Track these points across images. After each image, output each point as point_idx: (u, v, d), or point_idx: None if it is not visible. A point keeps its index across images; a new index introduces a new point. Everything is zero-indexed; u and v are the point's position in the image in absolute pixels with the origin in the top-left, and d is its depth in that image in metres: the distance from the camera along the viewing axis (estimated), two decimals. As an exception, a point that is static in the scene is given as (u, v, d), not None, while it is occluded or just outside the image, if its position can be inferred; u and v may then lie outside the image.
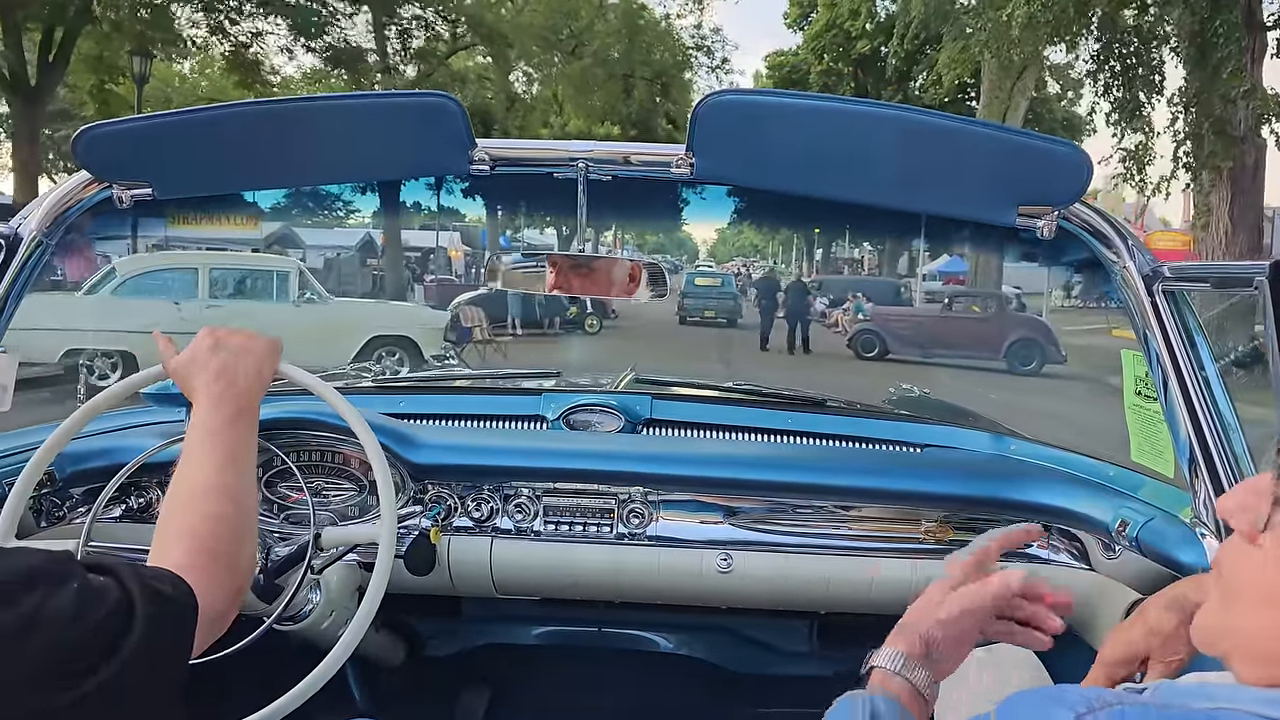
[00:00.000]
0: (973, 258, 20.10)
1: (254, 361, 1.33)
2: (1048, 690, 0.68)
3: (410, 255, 24.53)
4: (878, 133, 1.58)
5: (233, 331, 1.37)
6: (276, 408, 1.93)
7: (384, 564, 1.55)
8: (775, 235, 42.41)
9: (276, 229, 20.45)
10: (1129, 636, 1.19)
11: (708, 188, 2.30)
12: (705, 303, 19.87)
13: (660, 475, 1.95)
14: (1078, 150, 1.57)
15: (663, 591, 1.98)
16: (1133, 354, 1.67)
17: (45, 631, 0.81)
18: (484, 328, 13.74)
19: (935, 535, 1.94)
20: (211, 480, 1.17)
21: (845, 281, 24.12)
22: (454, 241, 26.91)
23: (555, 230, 18.10)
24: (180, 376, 1.33)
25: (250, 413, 1.30)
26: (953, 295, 19.08)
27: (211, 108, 1.66)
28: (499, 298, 16.50)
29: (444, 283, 22.07)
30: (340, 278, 21.07)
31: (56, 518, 1.88)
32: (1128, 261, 1.58)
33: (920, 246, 22.25)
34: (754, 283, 22.37)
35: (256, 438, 1.32)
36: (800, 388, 2.51)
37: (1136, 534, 1.59)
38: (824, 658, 2.65)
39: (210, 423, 1.24)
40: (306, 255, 22.24)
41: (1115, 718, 0.61)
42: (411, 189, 1.77)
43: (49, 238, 1.71)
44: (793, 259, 41.33)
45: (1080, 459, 2.01)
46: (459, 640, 2.69)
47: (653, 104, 31.73)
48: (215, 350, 1.32)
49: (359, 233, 23.20)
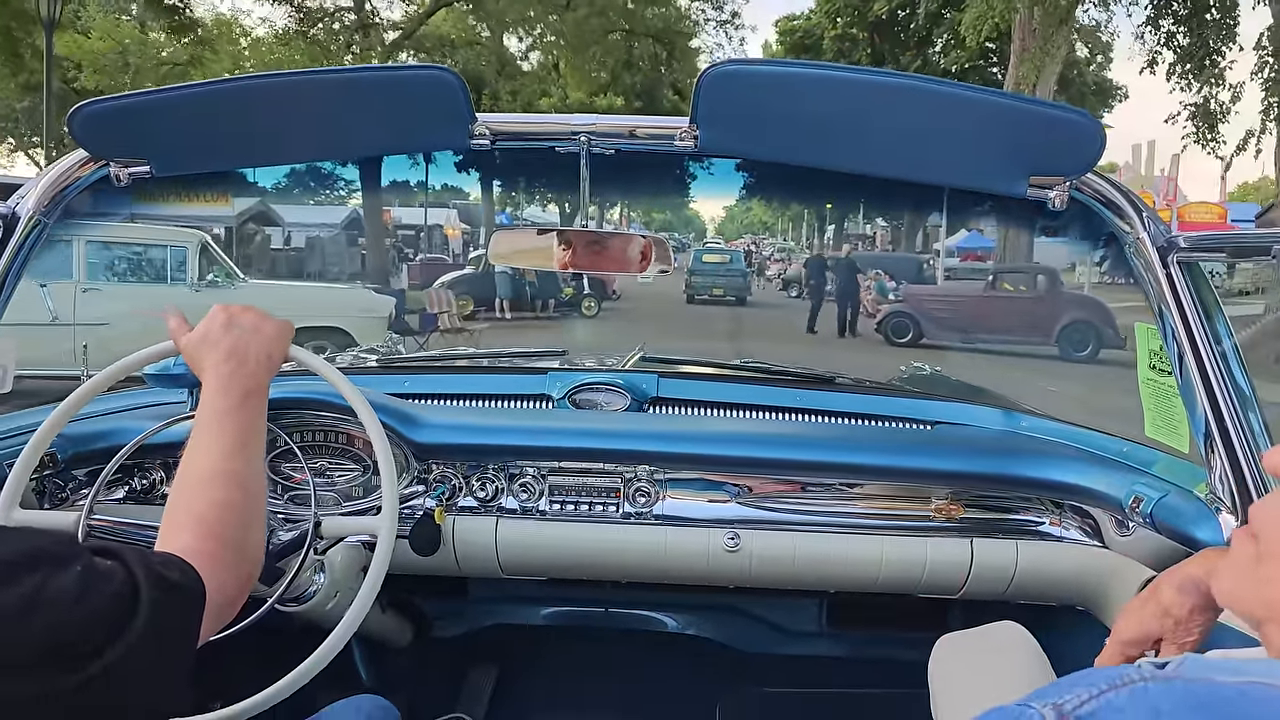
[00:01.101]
0: (1000, 232, 18.22)
1: (264, 342, 1.31)
2: (1073, 676, 0.66)
3: (402, 233, 23.83)
4: (886, 102, 1.54)
5: (245, 309, 1.35)
6: (279, 387, 1.91)
7: (385, 545, 1.53)
8: (785, 211, 41.94)
9: (251, 205, 19.17)
10: (1142, 616, 1.17)
11: (715, 162, 2.27)
12: (714, 280, 19.56)
13: (667, 454, 1.93)
14: (1090, 119, 1.53)
15: (670, 571, 1.96)
16: (1147, 327, 1.64)
17: (47, 613, 0.79)
18: (453, 313, 12.68)
19: (946, 513, 1.92)
20: (220, 465, 1.16)
21: (863, 258, 22.67)
22: (451, 219, 25.73)
23: (558, 207, 17.38)
24: (191, 354, 1.31)
25: (259, 394, 1.28)
26: (997, 271, 16.79)
27: (209, 83, 1.64)
28: (485, 278, 15.90)
29: (433, 262, 20.83)
30: (325, 258, 20.16)
31: (59, 499, 1.87)
32: (1141, 232, 1.55)
33: (936, 221, 21.26)
34: (804, 263, 21.35)
35: (265, 421, 1.30)
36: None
37: (1151, 510, 1.57)
38: (833, 637, 2.64)
39: (220, 404, 1.22)
40: (291, 235, 21.68)
41: (1139, 693, 0.59)
42: (401, 164, 1.73)
43: (47, 216, 1.70)
44: (804, 235, 40.55)
45: (1093, 435, 1.98)
46: (465, 621, 2.69)
47: (657, 73, 30.70)
48: (228, 328, 1.30)
49: (345, 210, 21.85)
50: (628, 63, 30.23)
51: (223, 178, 2.12)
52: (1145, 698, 0.58)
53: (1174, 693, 0.58)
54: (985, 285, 16.62)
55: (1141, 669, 0.61)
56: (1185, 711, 0.56)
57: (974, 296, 16.70)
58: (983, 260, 21.62)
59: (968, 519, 1.92)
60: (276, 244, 21.54)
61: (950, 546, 1.90)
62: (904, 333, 14.91)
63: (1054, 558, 1.88)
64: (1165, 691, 0.59)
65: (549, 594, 2.64)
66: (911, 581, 1.93)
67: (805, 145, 1.63)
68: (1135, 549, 1.72)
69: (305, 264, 20.24)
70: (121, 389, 2.08)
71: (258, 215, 20.21)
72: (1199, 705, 0.56)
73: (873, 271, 17.61)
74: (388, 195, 19.60)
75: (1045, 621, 1.84)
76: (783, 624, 2.66)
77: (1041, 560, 1.88)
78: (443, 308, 12.57)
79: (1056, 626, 1.89)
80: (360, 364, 2.74)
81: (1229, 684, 0.58)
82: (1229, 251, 1.43)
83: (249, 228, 20.23)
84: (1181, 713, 0.56)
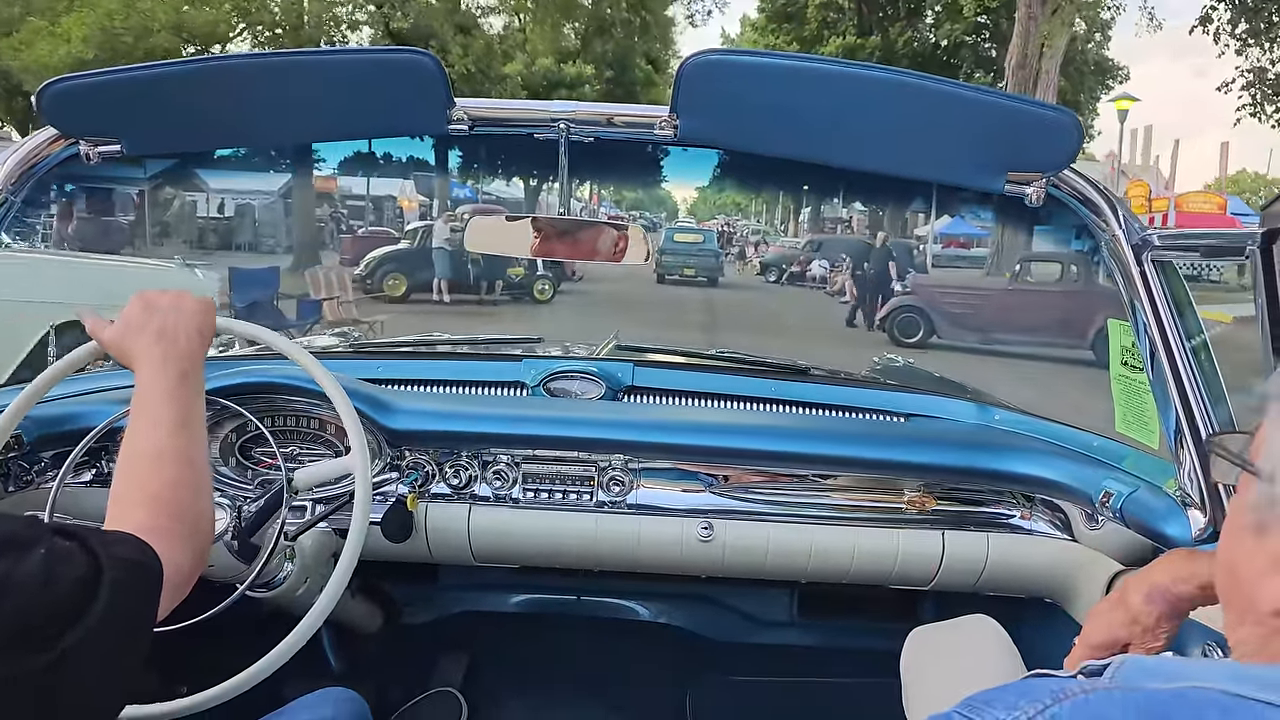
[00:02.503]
0: (997, 225, 15.67)
1: (189, 319, 1.29)
2: (1017, 685, 0.69)
3: (349, 204, 21.38)
4: (866, 95, 1.54)
5: (161, 292, 1.32)
6: (250, 371, 1.90)
7: (358, 530, 1.53)
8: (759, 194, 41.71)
9: (167, 166, 15.99)
10: (1110, 622, 1.19)
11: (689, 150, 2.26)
12: (685, 260, 19.23)
13: (641, 443, 1.93)
14: (1068, 115, 1.54)
15: (643, 560, 1.96)
16: (1120, 324, 1.65)
17: (16, 596, 0.80)
18: (345, 300, 10.61)
19: (918, 505, 1.93)
20: (165, 444, 1.15)
21: (847, 243, 20.47)
22: (407, 190, 22.27)
23: (523, 182, 16.26)
24: (117, 347, 1.28)
25: (196, 373, 1.26)
26: (1024, 259, 13.80)
27: (182, 62, 1.61)
28: (420, 255, 14.09)
29: (369, 237, 17.76)
30: (257, 228, 18.22)
31: (24, 482, 1.84)
32: (1116, 230, 1.56)
33: (918, 206, 20.43)
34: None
35: (204, 399, 1.28)
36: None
37: (1120, 505, 1.59)
38: (804, 627, 2.65)
39: (157, 386, 1.21)
40: (221, 202, 18.88)
41: (1079, 707, 0.61)
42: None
43: (14, 194, 1.69)
44: (778, 217, 40.04)
45: (1064, 429, 2.00)
46: (436, 607, 2.68)
47: (630, 40, 29.57)
48: (149, 312, 1.28)
49: (284, 177, 18.59)
50: (600, 28, 29.11)
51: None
52: (1086, 707, 0.61)
53: (1113, 701, 0.62)
54: (1011, 276, 14.13)
55: (1080, 681, 0.64)
56: (1123, 716, 0.59)
57: (996, 290, 14.43)
58: (967, 247, 20.48)
59: (939, 511, 1.93)
60: (270, 215, 18.96)
61: (922, 538, 1.91)
62: (913, 330, 12.76)
63: (1024, 550, 1.90)
64: (1105, 699, 0.62)
65: (520, 581, 2.63)
66: (883, 573, 1.94)
67: (784, 137, 1.63)
68: (1104, 543, 1.74)
69: (282, 235, 18.06)
70: (93, 370, 2.05)
71: (175, 175, 16.44)
72: (1138, 711, 0.59)
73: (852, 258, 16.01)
74: (364, 166, 18.28)
75: (1015, 613, 1.86)
76: (754, 613, 2.67)
77: (1012, 553, 1.90)
78: (331, 293, 10.61)
79: (1026, 619, 1.91)
80: (331, 349, 2.71)
81: (1164, 689, 0.61)
82: (1203, 251, 1.44)
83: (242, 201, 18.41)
84: (1120, 718, 0.59)
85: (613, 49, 29.34)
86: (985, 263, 16.06)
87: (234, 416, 1.88)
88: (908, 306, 13.02)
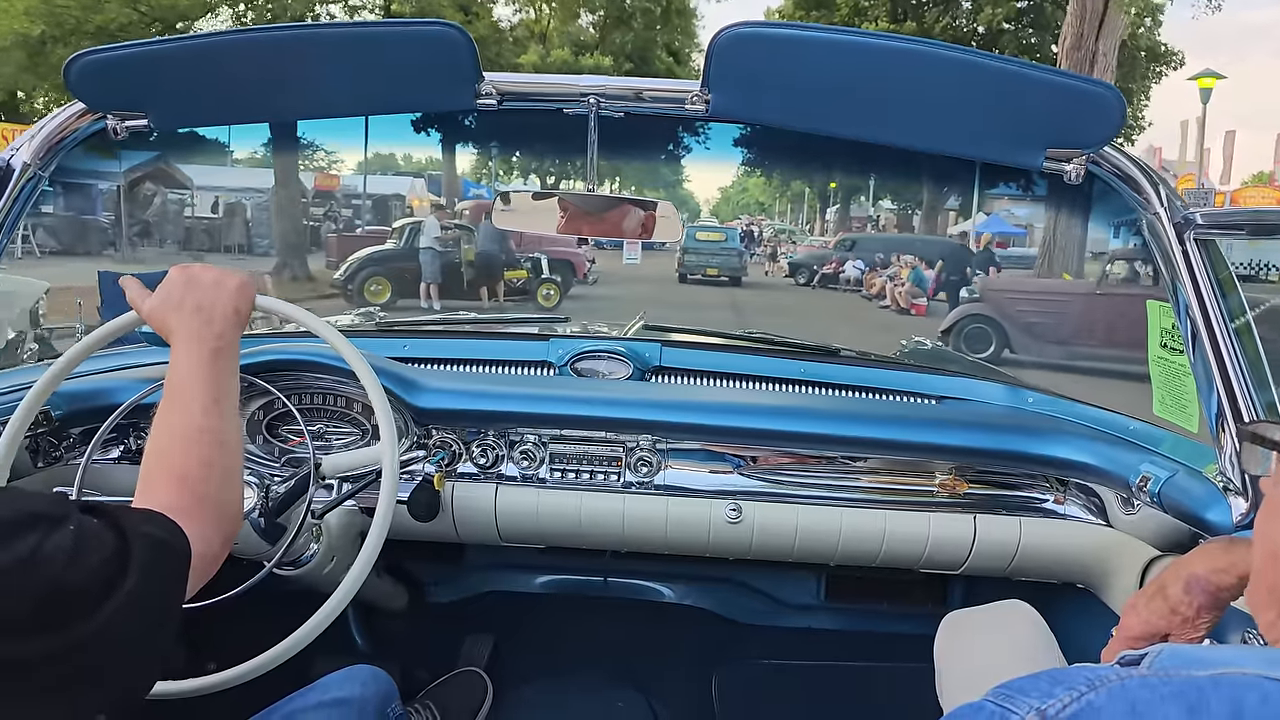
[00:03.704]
0: (1049, 216, 13.34)
1: (228, 297, 1.29)
2: (1050, 673, 0.68)
3: (354, 202, 20.66)
4: (902, 68, 1.51)
5: (205, 267, 1.33)
6: (278, 348, 1.89)
7: (385, 509, 1.52)
8: (784, 192, 41.31)
9: (142, 163, 14.49)
10: (1149, 613, 1.16)
11: (713, 138, 2.23)
12: (709, 260, 19.16)
13: (669, 423, 1.90)
14: (1110, 90, 1.51)
15: (670, 542, 1.95)
16: (1159, 305, 1.62)
17: (43, 572, 0.79)
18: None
19: (949, 488, 1.91)
20: (197, 422, 1.14)
21: (887, 240, 18.92)
22: (417, 188, 21.19)
23: (539, 178, 15.44)
24: (156, 319, 1.29)
25: (230, 351, 1.26)
26: (1115, 255, 10.62)
27: (211, 35, 1.61)
28: (407, 256, 12.81)
29: (366, 236, 16.53)
30: (248, 227, 17.25)
31: (54, 458, 1.84)
32: (1158, 208, 1.53)
33: (953, 204, 19.10)
34: (942, 254, 15.94)
35: (238, 377, 1.28)
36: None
37: (1159, 489, 1.55)
38: (831, 610, 2.64)
39: (191, 362, 1.21)
40: (197, 198, 18.54)
41: (1115, 694, 0.60)
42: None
43: (43, 169, 1.69)
44: (804, 216, 39.37)
45: (1099, 412, 1.97)
46: (462, 587, 2.69)
47: (650, 31, 28.62)
48: (189, 287, 1.28)
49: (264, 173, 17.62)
50: (619, 19, 28.37)
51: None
52: (1123, 694, 0.61)
53: (1150, 688, 0.60)
54: (1098, 280, 11.16)
55: (1116, 669, 0.63)
56: (1160, 703, 0.58)
57: (1080, 295, 11.59)
58: (1004, 246, 18.45)
59: (971, 495, 1.91)
60: (261, 213, 17.87)
61: (953, 522, 1.89)
62: (982, 344, 10.45)
63: (1057, 535, 1.87)
64: (1142, 686, 0.61)
65: (547, 562, 2.63)
66: (913, 556, 1.92)
67: (818, 111, 1.60)
68: (1140, 528, 1.70)
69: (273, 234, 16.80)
70: (114, 349, 2.05)
71: (154, 174, 16.20)
72: (1173, 696, 0.58)
73: (900, 257, 15.00)
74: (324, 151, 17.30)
75: (1047, 599, 1.83)
76: (781, 596, 2.65)
77: (1044, 537, 1.87)
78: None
79: (1058, 604, 1.88)
80: (357, 327, 2.71)
81: (1202, 676, 0.60)
82: (1249, 230, 1.41)
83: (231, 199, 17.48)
84: (1157, 704, 0.58)
85: (632, 41, 28.60)
86: (1035, 263, 14.02)
87: (262, 394, 1.88)
88: (977, 316, 10.97)
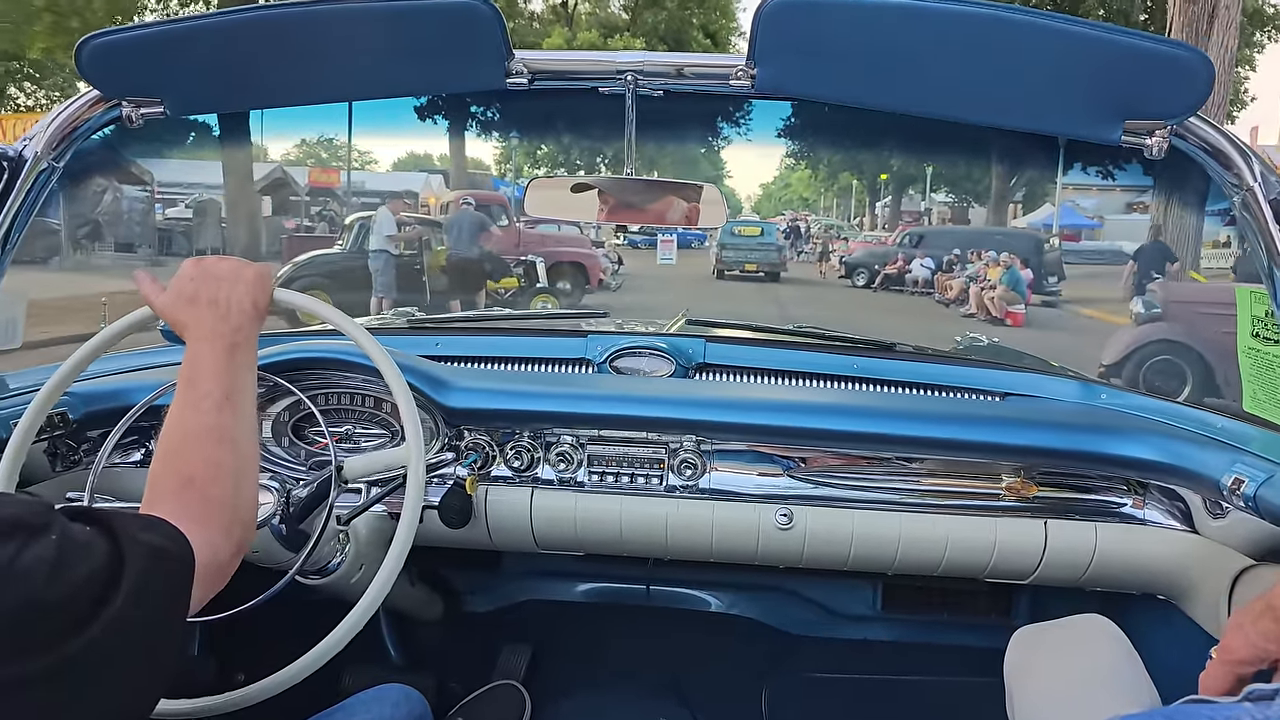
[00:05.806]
0: (1159, 202, 11.00)
1: (245, 289, 1.23)
2: (1167, 712, 0.57)
3: (356, 200, 18.12)
4: (965, 35, 1.40)
5: (221, 259, 1.28)
6: (302, 346, 1.82)
7: (411, 513, 1.43)
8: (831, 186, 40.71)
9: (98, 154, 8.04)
10: (1257, 634, 1.03)
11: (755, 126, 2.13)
12: (746, 255, 19.01)
13: (715, 423, 1.80)
14: (1195, 53, 1.38)
15: (717, 549, 1.85)
16: (1251, 291, 1.49)
17: (20, 587, 0.73)
18: None
19: (1017, 491, 1.78)
20: (208, 421, 1.08)
21: (963, 234, 16.99)
22: (433, 184, 19.38)
23: (567, 172, 15.17)
24: (169, 313, 1.24)
25: (246, 346, 1.20)
26: None
27: (227, 13, 1.53)
28: (355, 261, 10.30)
29: (305, 238, 14.73)
30: (220, 227, 15.18)
31: (71, 461, 1.79)
32: (1252, 182, 1.40)
33: (1018, 196, 17.65)
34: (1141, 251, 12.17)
35: (255, 375, 1.22)
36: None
37: (1255, 492, 1.42)
38: (889, 622, 2.53)
39: (203, 359, 1.15)
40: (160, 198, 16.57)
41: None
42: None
43: (56, 160, 1.64)
44: (850, 211, 38.45)
45: (1182, 409, 1.83)
46: (499, 596, 2.61)
47: (685, 10, 27.50)
48: (203, 280, 1.23)
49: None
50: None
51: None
52: None
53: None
54: None
55: (1248, 708, 0.59)
56: None
57: None
58: (1075, 239, 17.69)
59: (1041, 498, 1.79)
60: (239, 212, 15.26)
61: (1021, 528, 1.77)
62: (1175, 382, 7.64)
63: (1136, 542, 1.74)
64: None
65: (585, 570, 2.54)
66: (979, 565, 1.80)
67: (875, 84, 1.49)
68: (1231, 535, 1.57)
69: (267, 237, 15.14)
70: (133, 346, 2.00)
71: (116, 166, 14.03)
72: None
73: (990, 254, 13.21)
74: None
75: (1122, 611, 1.73)
76: (834, 606, 2.54)
77: (1122, 544, 1.75)
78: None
79: (1134, 616, 1.75)
80: (388, 325, 2.64)
81: None
82: None
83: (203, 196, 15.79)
84: None
85: (665, 21, 27.71)
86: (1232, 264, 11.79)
87: (287, 394, 1.81)
88: (1161, 340, 7.99)
